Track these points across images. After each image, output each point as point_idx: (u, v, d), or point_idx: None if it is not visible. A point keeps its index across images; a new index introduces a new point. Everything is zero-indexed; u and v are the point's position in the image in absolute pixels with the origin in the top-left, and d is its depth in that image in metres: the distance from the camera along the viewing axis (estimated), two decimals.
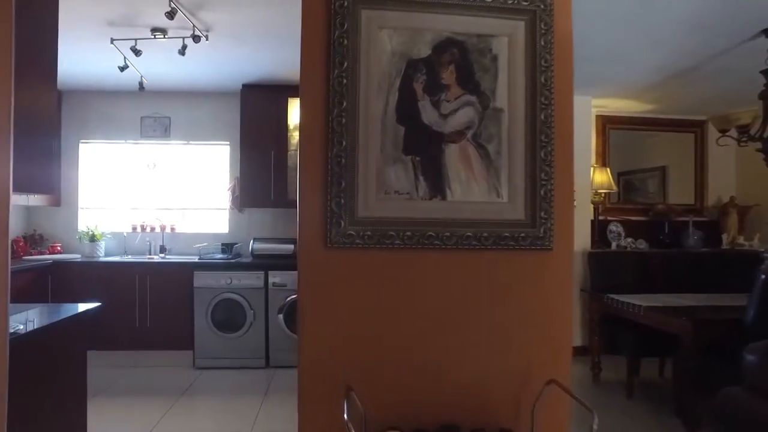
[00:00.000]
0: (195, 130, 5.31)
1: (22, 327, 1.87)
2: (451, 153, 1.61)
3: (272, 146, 4.92)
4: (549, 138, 1.63)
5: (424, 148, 1.60)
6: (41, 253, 5.02)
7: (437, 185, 1.60)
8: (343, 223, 1.53)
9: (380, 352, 1.58)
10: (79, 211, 5.36)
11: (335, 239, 1.54)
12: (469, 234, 1.59)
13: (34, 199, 4.84)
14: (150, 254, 5.19)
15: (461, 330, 1.61)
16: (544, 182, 1.62)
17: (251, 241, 5.02)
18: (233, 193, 5.16)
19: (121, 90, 5.14)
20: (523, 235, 1.61)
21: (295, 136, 5.07)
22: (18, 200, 4.65)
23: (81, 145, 5.36)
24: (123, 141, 5.35)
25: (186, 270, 4.62)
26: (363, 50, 1.57)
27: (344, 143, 1.54)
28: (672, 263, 4.78)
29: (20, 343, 1.73)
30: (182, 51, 3.50)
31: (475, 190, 1.61)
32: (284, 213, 5.24)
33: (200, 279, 4.58)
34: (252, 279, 4.58)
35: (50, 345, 2.07)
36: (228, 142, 5.30)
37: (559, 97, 1.65)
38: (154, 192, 5.42)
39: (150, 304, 4.62)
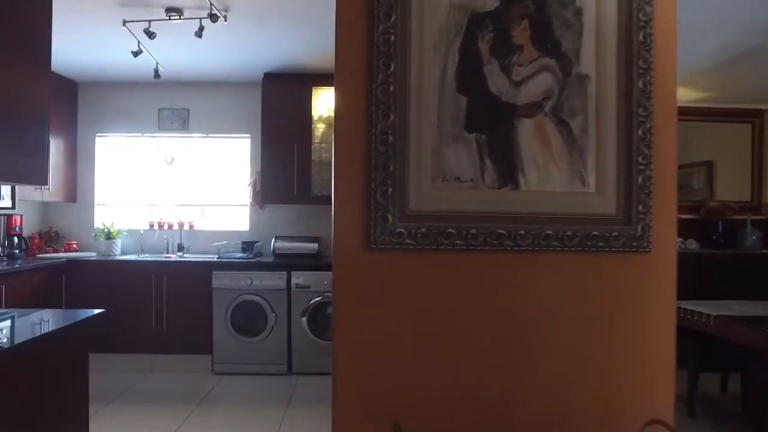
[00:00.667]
0: (214, 122, 5.06)
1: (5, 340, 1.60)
2: (525, 130, 1.28)
3: (295, 139, 4.63)
4: (648, 112, 1.29)
5: (492, 124, 1.28)
6: (56, 251, 4.82)
7: (508, 171, 1.27)
8: (390, 219, 1.22)
9: (435, 381, 1.26)
10: (96, 208, 5.15)
11: (380, 239, 1.22)
12: (548, 232, 1.26)
13: (49, 194, 4.63)
14: (167, 253, 4.95)
15: (535, 354, 1.28)
16: (641, 167, 1.28)
17: (273, 240, 4.75)
18: (254, 188, 4.89)
19: (138, 80, 4.91)
20: (615, 234, 1.28)
21: (319, 128, 4.78)
22: (32, 195, 4.45)
23: (97, 139, 5.15)
24: (140, 134, 5.13)
25: (204, 270, 4.36)
26: (415, 0, 1.24)
27: (392, 117, 1.22)
28: (729, 265, 4.36)
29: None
30: (199, 33, 3.23)
31: (554, 176, 1.28)
32: (308, 209, 4.95)
33: (219, 279, 4.32)
34: (274, 280, 4.30)
35: (36, 360, 1.79)
36: (249, 135, 5.03)
37: (660, 60, 1.31)
38: (172, 188, 5.18)
39: (167, 305, 4.37)
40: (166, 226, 5.05)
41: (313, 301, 4.27)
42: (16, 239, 4.51)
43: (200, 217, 5.17)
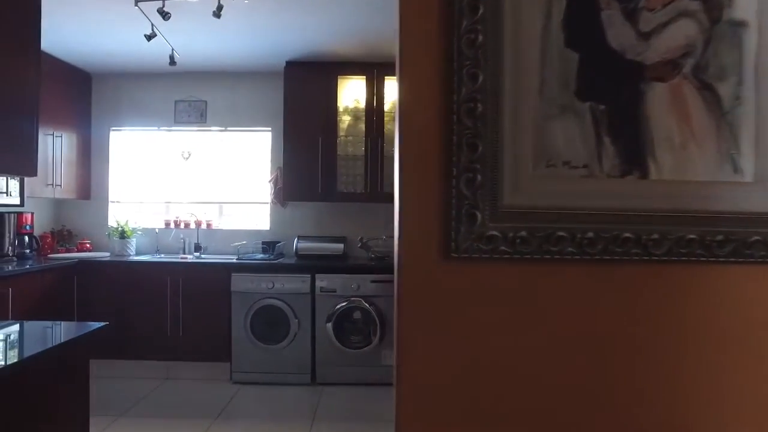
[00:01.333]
0: (233, 114, 4.77)
1: None
2: (657, 97, 0.95)
3: (320, 132, 4.32)
4: None
5: (612, 90, 0.94)
6: (69, 251, 4.58)
7: (634, 152, 0.94)
8: (479, 217, 0.89)
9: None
10: (110, 205, 4.90)
11: (465, 245, 0.90)
12: (691, 237, 0.92)
13: (61, 191, 4.40)
14: (184, 253, 4.68)
15: (675, 399, 0.94)
16: None
17: (295, 240, 4.45)
18: (275, 185, 4.60)
19: (154, 71, 4.65)
20: None
21: (345, 121, 4.47)
22: (44, 192, 4.21)
23: (112, 133, 4.90)
24: (156, 128, 4.87)
25: (223, 271, 4.08)
26: None
27: (480, 78, 0.89)
28: None
29: None
30: (217, 12, 2.93)
31: (695, 160, 0.94)
32: (333, 208, 4.64)
33: (238, 282, 4.03)
34: (296, 283, 4.00)
35: (30, 379, 1.50)
36: (270, 128, 4.74)
37: None
38: (188, 184, 4.91)
39: (183, 309, 4.10)
40: (182, 225, 4.78)
41: (338, 306, 3.96)
42: (26, 238, 4.27)
43: (218, 215, 4.89)
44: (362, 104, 4.40)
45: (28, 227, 4.27)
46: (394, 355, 1.01)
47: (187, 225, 4.78)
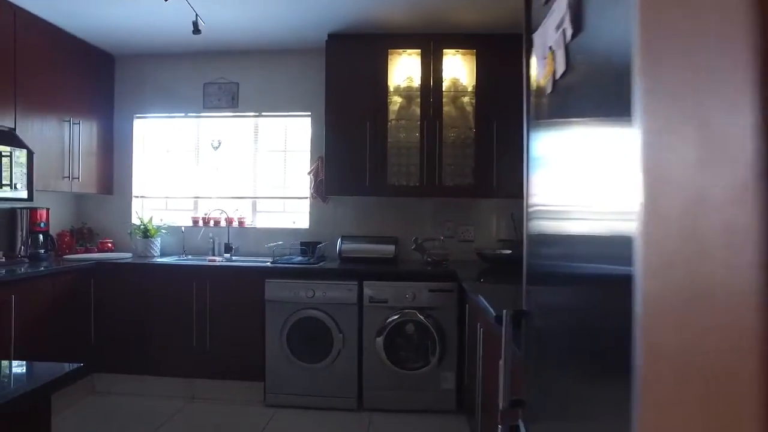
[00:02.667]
0: (268, 98, 4.22)
1: None
2: None
3: (367, 116, 3.72)
4: None
5: None
6: (89, 251, 4.12)
7: None
8: None
9: None
10: (133, 201, 4.43)
11: None
12: None
13: (79, 185, 3.93)
14: (213, 254, 4.16)
15: None
16: None
17: (339, 240, 3.86)
18: (316, 177, 4.02)
19: (180, 51, 4.16)
20: None
21: (396, 102, 3.85)
22: (59, 185, 3.75)
23: (135, 121, 4.43)
24: (183, 114, 4.36)
25: (256, 277, 3.52)
26: None
27: None
28: None
29: None
30: None
31: None
32: (382, 203, 4.04)
33: (274, 289, 3.46)
34: (341, 291, 3.41)
35: None
36: (309, 113, 4.17)
37: None
38: (218, 177, 4.39)
39: (210, 319, 3.57)
40: (211, 223, 4.26)
41: (390, 319, 3.35)
42: (40, 237, 3.82)
43: (251, 212, 4.35)
44: (417, 83, 3.78)
45: (42, 224, 3.82)
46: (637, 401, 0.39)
47: (216, 223, 4.26)
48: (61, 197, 4.19)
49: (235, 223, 4.23)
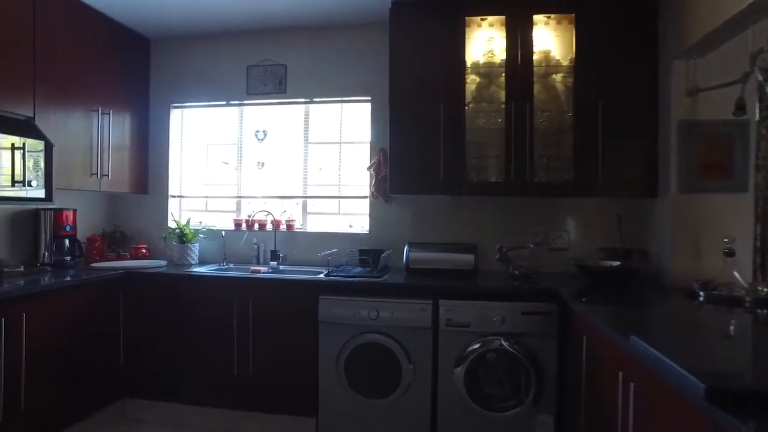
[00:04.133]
0: (320, 81, 3.64)
1: None
2: None
3: (440, 98, 3.07)
4: None
5: None
6: (121, 258, 3.65)
7: None
8: None
9: None
10: (170, 201, 3.94)
11: None
12: None
13: (108, 184, 3.46)
14: (257, 263, 3.62)
15: None
16: None
17: (406, 248, 3.23)
18: (377, 173, 3.40)
19: (222, 30, 3.64)
20: None
21: (475, 82, 3.18)
22: (86, 183, 3.28)
23: (172, 112, 3.94)
24: (224, 102, 3.84)
25: (307, 292, 2.93)
26: None
27: None
28: None
29: None
30: None
31: None
32: (459, 204, 3.39)
33: (329, 307, 2.87)
34: (412, 312, 2.77)
35: None
36: (369, 98, 3.55)
37: None
38: (264, 174, 3.85)
39: (254, 341, 3.00)
40: (256, 227, 3.72)
41: (473, 347, 2.69)
42: (66, 242, 3.37)
43: (301, 214, 3.78)
44: (500, 58, 3.10)
45: (67, 228, 3.36)
46: None
47: (261, 226, 3.71)
48: (91, 197, 3.74)
49: (283, 227, 3.67)
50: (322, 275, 3.09)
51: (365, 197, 3.57)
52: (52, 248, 3.31)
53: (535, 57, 3.05)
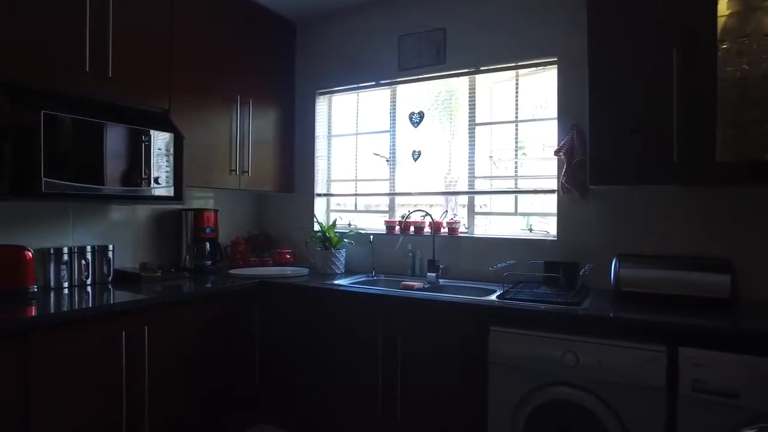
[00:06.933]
0: (488, 44, 2.83)
1: None
2: None
3: (671, 40, 2.05)
4: None
5: None
6: (264, 263, 3.27)
7: None
8: None
9: None
10: (316, 200, 3.48)
11: None
12: None
13: (248, 182, 3.10)
14: (412, 274, 2.96)
15: None
16: None
17: (613, 262, 2.26)
18: (568, 158, 2.47)
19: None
20: None
21: (728, 10, 2.09)
22: (225, 181, 2.95)
23: (318, 99, 3.48)
24: (373, 83, 3.25)
25: (473, 319, 2.16)
26: None
27: None
28: None
29: None
30: None
31: None
32: (701, 197, 2.30)
33: (503, 343, 2.05)
34: (630, 360, 1.82)
35: None
36: (555, 58, 2.65)
37: None
38: (420, 167, 3.17)
39: (403, 376, 2.32)
40: (411, 230, 3.06)
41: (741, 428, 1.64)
42: (207, 245, 3.08)
43: (466, 214, 3.02)
44: None
45: (208, 230, 3.06)
46: None
47: (418, 230, 3.04)
48: (236, 197, 3.44)
49: (444, 230, 2.95)
50: (493, 296, 2.29)
51: (551, 191, 2.66)
52: (194, 251, 3.04)
53: None
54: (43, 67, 2.08)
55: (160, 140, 2.45)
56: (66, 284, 2.45)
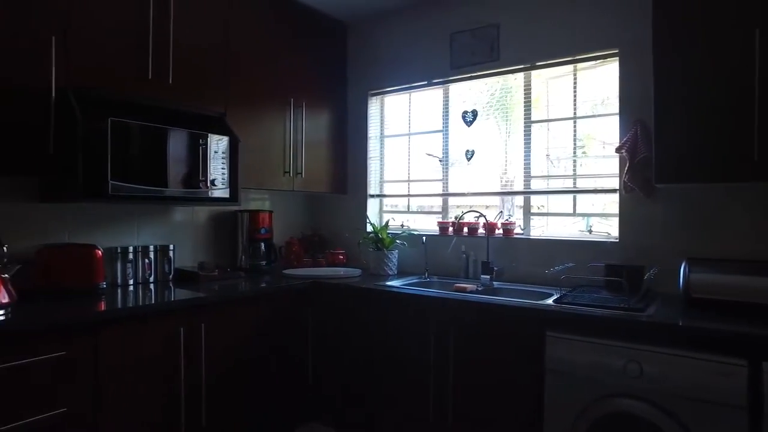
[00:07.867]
0: (544, 39, 2.72)
1: None
2: None
3: (757, 16, 1.89)
4: None
5: None
6: (317, 264, 3.31)
7: None
8: None
9: None
10: (369, 201, 3.48)
11: None
12: None
13: (302, 183, 3.14)
14: (465, 276, 2.90)
15: None
16: None
17: (682, 266, 2.11)
18: (632, 156, 2.33)
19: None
20: None
21: None
22: (279, 182, 3.00)
23: (370, 100, 3.48)
24: (425, 82, 3.21)
25: (528, 323, 2.08)
26: None
27: None
28: None
29: None
30: None
31: None
32: None
33: (561, 350, 1.96)
34: (703, 374, 1.69)
35: None
36: (616, 50, 2.51)
37: None
38: (473, 167, 3.10)
39: (455, 380, 2.27)
40: (464, 231, 3.00)
41: None
42: (262, 246, 3.14)
43: (522, 215, 2.92)
44: None
45: (262, 231, 3.12)
46: None
47: (472, 231, 2.97)
48: (290, 198, 3.50)
49: (499, 232, 2.87)
50: (550, 300, 2.19)
51: (612, 191, 2.52)
52: (249, 252, 3.10)
53: None
54: (112, 76, 2.19)
55: (216, 143, 2.51)
56: (131, 281, 2.57)
